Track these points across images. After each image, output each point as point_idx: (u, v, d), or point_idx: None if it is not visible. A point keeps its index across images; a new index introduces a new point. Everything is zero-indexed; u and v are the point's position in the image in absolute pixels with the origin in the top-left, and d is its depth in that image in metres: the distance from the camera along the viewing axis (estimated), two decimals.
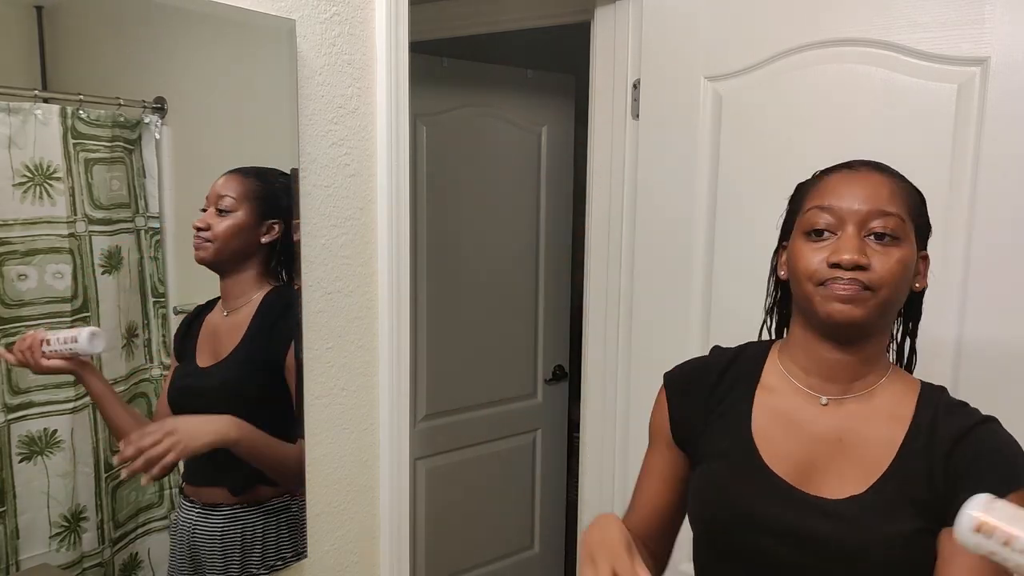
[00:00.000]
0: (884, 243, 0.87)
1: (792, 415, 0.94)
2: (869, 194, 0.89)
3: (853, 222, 0.88)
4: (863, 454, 0.89)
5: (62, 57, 0.96)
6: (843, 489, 0.88)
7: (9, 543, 0.95)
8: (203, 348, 1.20)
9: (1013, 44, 1.28)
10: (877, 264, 0.86)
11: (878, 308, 0.87)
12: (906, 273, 0.88)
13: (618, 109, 1.79)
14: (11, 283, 0.93)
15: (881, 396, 0.91)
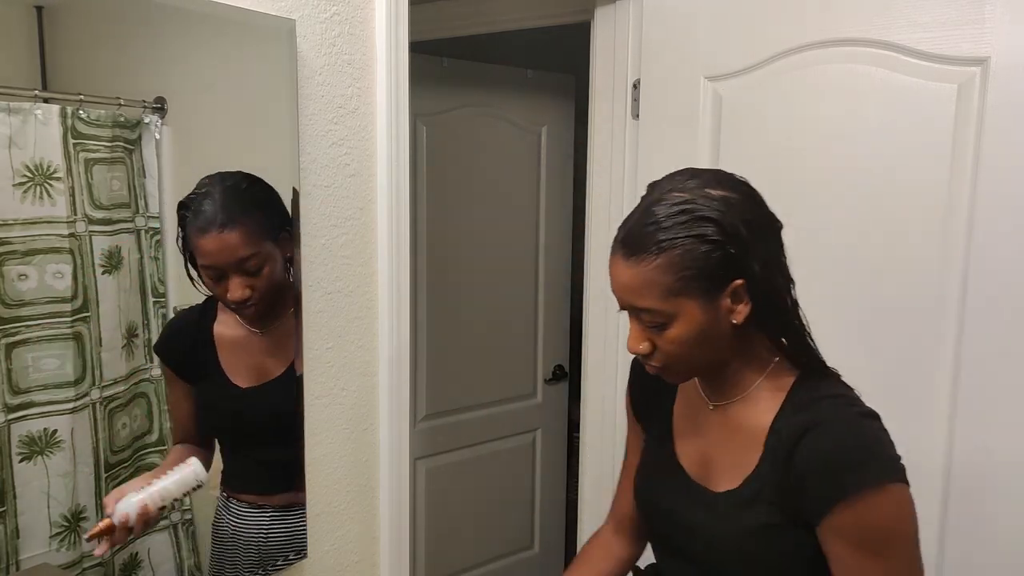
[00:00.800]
0: (657, 327, 0.90)
1: (694, 414, 1.03)
2: (626, 287, 0.90)
3: (630, 312, 0.93)
4: (739, 453, 0.95)
5: (62, 57, 0.96)
6: (725, 483, 0.96)
7: (9, 543, 0.95)
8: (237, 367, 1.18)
9: (1013, 44, 1.27)
10: (659, 346, 0.91)
11: (687, 370, 0.95)
12: (691, 340, 0.90)
13: (618, 109, 1.79)
14: (11, 283, 0.93)
15: (756, 397, 0.96)
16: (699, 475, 0.99)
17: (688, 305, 0.88)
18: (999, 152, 1.29)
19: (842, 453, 0.86)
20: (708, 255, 0.86)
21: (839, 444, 0.87)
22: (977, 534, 1.35)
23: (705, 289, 0.88)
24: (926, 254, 1.37)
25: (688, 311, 0.88)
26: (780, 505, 0.90)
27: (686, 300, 0.88)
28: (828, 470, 0.86)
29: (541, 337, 2.73)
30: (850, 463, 0.86)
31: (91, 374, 1.01)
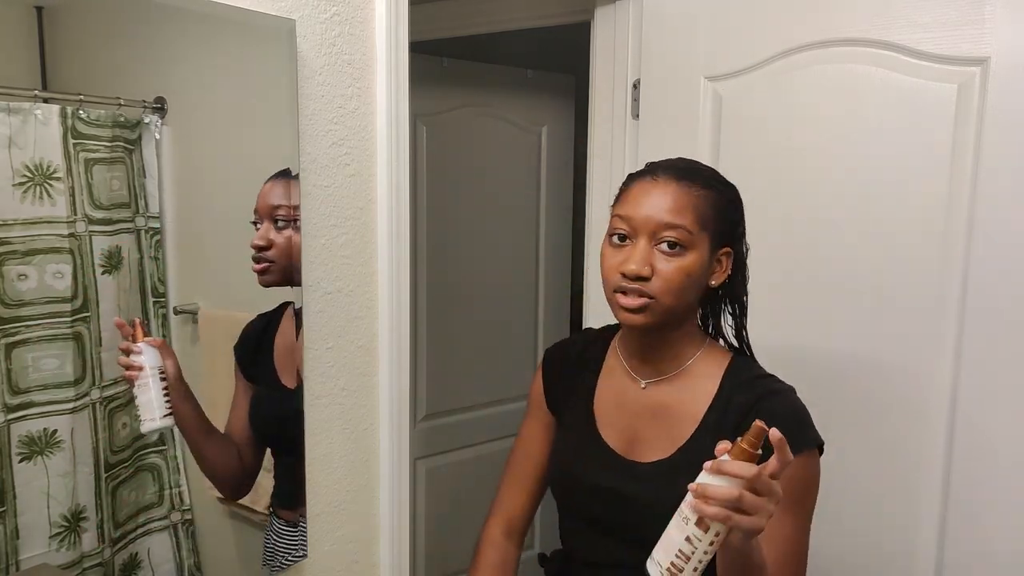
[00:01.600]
0: (673, 252, 0.97)
1: (622, 393, 1.09)
2: (661, 205, 0.97)
3: (645, 233, 0.98)
4: (672, 426, 1.02)
5: (62, 57, 0.96)
6: (654, 455, 1.02)
7: (9, 543, 0.95)
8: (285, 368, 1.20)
9: (1013, 44, 1.27)
10: (661, 272, 0.97)
11: (662, 314, 0.99)
12: (689, 279, 0.98)
13: (618, 109, 1.79)
14: (11, 283, 0.93)
15: (692, 374, 1.04)
16: (625, 451, 1.05)
17: (704, 243, 0.98)
18: (999, 152, 1.29)
19: (794, 417, 0.97)
20: (728, 211, 1.02)
21: (791, 409, 0.98)
22: (977, 534, 1.35)
23: (716, 238, 1.00)
24: (926, 254, 1.37)
25: (702, 248, 0.98)
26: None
27: (705, 238, 0.98)
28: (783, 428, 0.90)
29: (541, 337, 2.73)
30: (800, 425, 0.97)
31: (91, 374, 1.01)
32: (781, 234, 1.52)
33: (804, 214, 1.49)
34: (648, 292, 0.97)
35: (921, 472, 1.39)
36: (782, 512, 0.91)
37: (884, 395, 1.43)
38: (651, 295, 0.97)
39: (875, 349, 1.43)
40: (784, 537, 0.94)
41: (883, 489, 1.43)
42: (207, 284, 1.16)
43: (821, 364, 1.48)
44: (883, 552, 1.44)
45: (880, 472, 1.43)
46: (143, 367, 1.04)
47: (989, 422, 1.33)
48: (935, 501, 1.38)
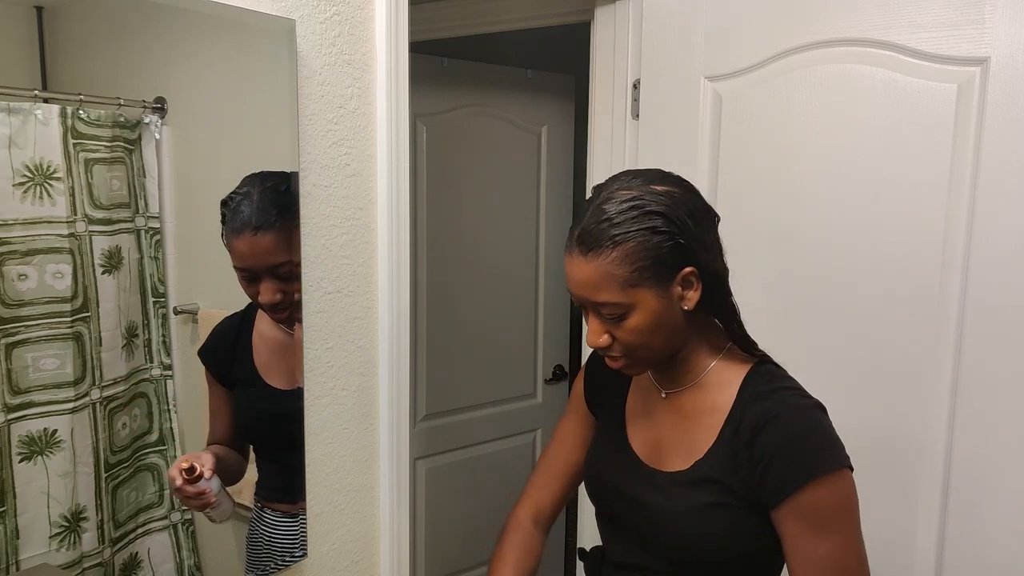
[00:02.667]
0: (615, 318, 0.95)
1: (648, 401, 1.08)
2: (581, 283, 0.95)
3: (588, 307, 0.97)
4: (690, 436, 1.01)
5: (62, 57, 0.96)
6: (674, 465, 1.02)
7: (9, 543, 0.95)
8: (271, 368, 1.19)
9: (1013, 44, 1.28)
10: (619, 336, 0.96)
11: (646, 360, 0.99)
12: (646, 332, 0.95)
13: (618, 109, 1.79)
14: (11, 283, 0.93)
15: (709, 385, 1.02)
16: (650, 458, 1.05)
17: (644, 295, 0.94)
18: (999, 152, 1.29)
19: (806, 440, 0.93)
20: (660, 246, 0.92)
21: (803, 432, 0.93)
22: (977, 535, 1.35)
23: (659, 278, 0.94)
24: (926, 254, 1.37)
25: (645, 301, 0.94)
26: (731, 487, 0.96)
27: (642, 290, 0.93)
28: (793, 455, 0.92)
29: (541, 337, 2.74)
30: (813, 449, 0.93)
31: (91, 374, 1.01)
32: (780, 233, 1.52)
33: (803, 213, 1.49)
34: (618, 354, 0.98)
35: (921, 471, 1.39)
36: (816, 535, 0.91)
37: (884, 393, 1.43)
38: (623, 355, 0.98)
39: (873, 349, 1.43)
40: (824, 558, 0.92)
41: (882, 493, 1.43)
42: (207, 284, 1.16)
43: (820, 364, 1.48)
44: (883, 554, 1.44)
45: (880, 474, 1.43)
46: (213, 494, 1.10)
47: (989, 421, 1.33)
48: (935, 502, 1.38)
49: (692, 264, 0.94)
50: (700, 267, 0.95)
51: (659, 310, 0.95)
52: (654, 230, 0.92)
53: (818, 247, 1.48)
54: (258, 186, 1.15)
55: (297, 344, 1.26)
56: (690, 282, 0.95)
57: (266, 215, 1.15)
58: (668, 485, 1.01)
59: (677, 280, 0.95)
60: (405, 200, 1.41)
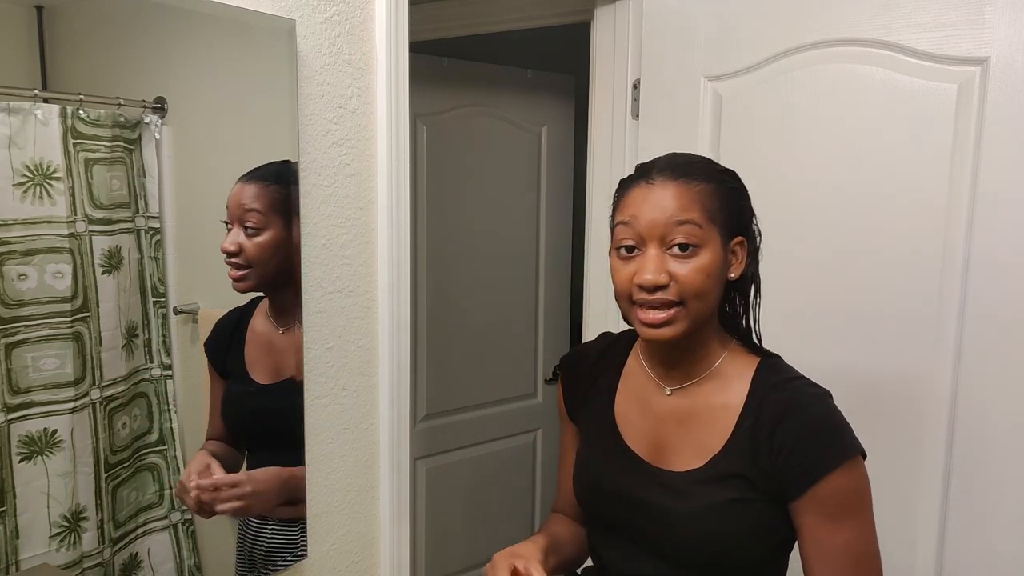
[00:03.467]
0: (686, 253, 0.92)
1: (644, 400, 1.05)
2: (665, 206, 0.92)
3: (654, 238, 0.93)
4: (702, 433, 0.98)
5: (62, 57, 0.96)
6: (685, 464, 0.98)
7: (9, 543, 0.95)
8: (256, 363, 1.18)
9: (1013, 44, 1.28)
10: (679, 277, 0.92)
11: (687, 321, 0.94)
12: (710, 277, 0.93)
13: (618, 109, 1.79)
14: (11, 283, 0.93)
15: (719, 378, 1.00)
16: (653, 459, 1.01)
17: (715, 238, 0.93)
18: (999, 152, 1.29)
19: (824, 431, 0.92)
20: (732, 200, 0.96)
21: (821, 423, 0.93)
22: (976, 542, 1.35)
23: (726, 230, 0.95)
24: (926, 253, 1.37)
25: (714, 244, 0.93)
26: (753, 481, 0.94)
27: (715, 232, 0.93)
28: (816, 443, 0.91)
29: (541, 337, 2.73)
30: (832, 439, 0.92)
31: (91, 374, 1.01)
32: (780, 233, 1.52)
33: (804, 213, 1.49)
34: (671, 299, 0.92)
35: (921, 472, 1.39)
36: (834, 524, 0.91)
37: (884, 393, 1.43)
38: (674, 301, 0.92)
39: (874, 349, 1.43)
40: (840, 547, 0.92)
41: (882, 495, 1.43)
42: (207, 284, 1.16)
43: (820, 363, 1.48)
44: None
45: (879, 476, 1.43)
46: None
47: (989, 423, 1.33)
48: (934, 508, 1.38)
49: (745, 235, 0.98)
50: (749, 241, 0.99)
51: (719, 262, 0.94)
52: (731, 187, 0.97)
53: (818, 247, 1.48)
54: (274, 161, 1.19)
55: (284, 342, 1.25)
56: (735, 253, 0.97)
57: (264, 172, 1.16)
58: (683, 484, 0.97)
59: (732, 244, 0.96)
60: (405, 200, 1.41)
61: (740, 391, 0.98)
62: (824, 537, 0.92)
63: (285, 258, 1.20)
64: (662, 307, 0.93)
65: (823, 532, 0.92)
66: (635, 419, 1.05)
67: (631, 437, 1.05)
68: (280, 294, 1.20)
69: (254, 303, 1.19)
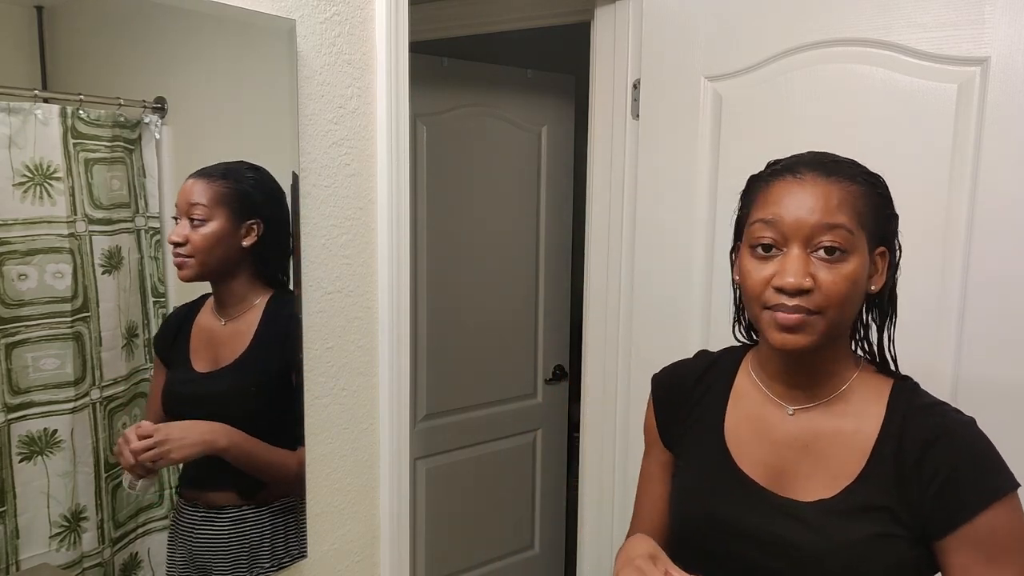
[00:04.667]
0: (833, 258, 0.84)
1: (761, 421, 0.95)
2: (814, 206, 0.84)
3: (798, 239, 0.85)
4: (832, 459, 0.89)
5: (62, 57, 0.96)
6: (814, 493, 0.89)
7: (9, 543, 0.95)
8: (199, 353, 1.19)
9: (1013, 44, 1.28)
10: (823, 283, 0.84)
11: (825, 331, 0.85)
12: (856, 288, 0.85)
13: (618, 109, 1.79)
14: (11, 283, 0.93)
15: (850, 400, 0.91)
16: (774, 486, 0.91)
17: (862, 245, 0.86)
18: (999, 152, 1.29)
19: (982, 461, 0.84)
20: (881, 208, 0.89)
21: (977, 451, 0.85)
22: None
23: (872, 237, 0.87)
24: (926, 253, 1.37)
25: (861, 251, 0.86)
26: (897, 514, 0.85)
27: (864, 239, 0.86)
28: (972, 476, 0.83)
29: (541, 337, 2.73)
30: (990, 470, 0.84)
31: (91, 374, 1.01)
32: None
33: None
34: (811, 307, 0.84)
35: None
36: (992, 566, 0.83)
37: None
38: (815, 310, 0.84)
39: None
40: None
41: None
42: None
43: None
44: None
45: None
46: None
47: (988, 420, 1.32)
48: None
49: (888, 246, 0.90)
50: (890, 254, 0.91)
51: (864, 271, 0.86)
52: (880, 192, 0.89)
53: None
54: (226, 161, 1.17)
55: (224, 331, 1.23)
56: (876, 264, 0.89)
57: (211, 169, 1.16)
58: (815, 516, 0.87)
59: (876, 253, 0.89)
60: (405, 200, 1.41)
61: (876, 415, 0.89)
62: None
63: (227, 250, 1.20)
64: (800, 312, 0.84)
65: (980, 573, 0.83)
66: (750, 443, 0.95)
67: (746, 463, 0.94)
68: (223, 286, 1.20)
69: (203, 299, 1.18)
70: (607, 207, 1.83)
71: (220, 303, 1.19)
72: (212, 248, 1.17)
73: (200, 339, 1.19)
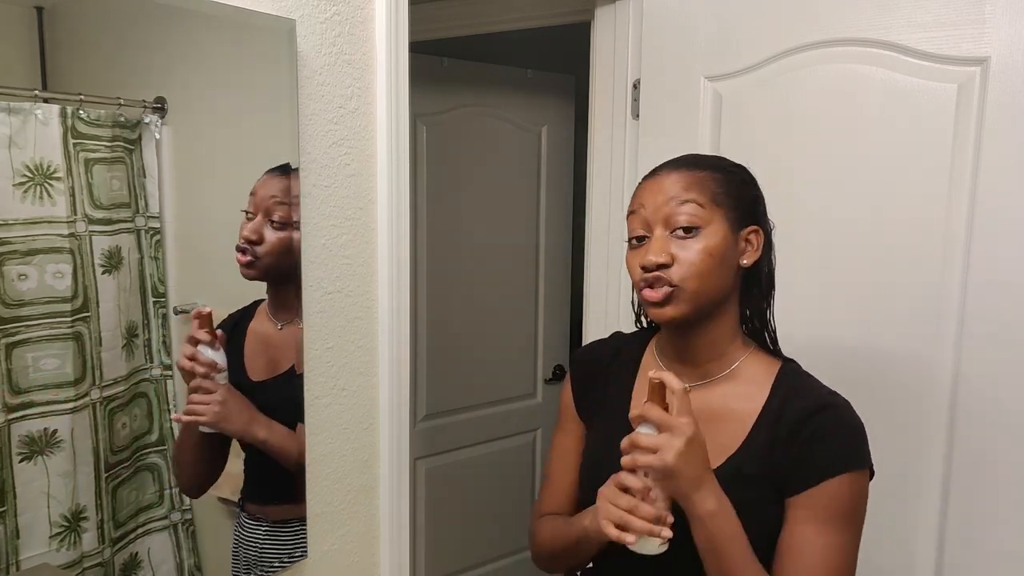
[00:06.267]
0: (689, 235, 0.94)
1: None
2: (668, 189, 0.96)
3: (659, 222, 0.96)
4: (721, 432, 0.98)
5: (62, 57, 0.96)
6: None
7: (9, 543, 0.95)
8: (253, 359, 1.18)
9: (1013, 44, 1.28)
10: (680, 257, 0.94)
11: (691, 301, 0.95)
12: (712, 258, 0.94)
13: (618, 109, 1.79)
14: (11, 283, 0.93)
15: (739, 378, 1.00)
16: None
17: (721, 221, 0.95)
18: (999, 152, 1.29)
19: (847, 433, 0.94)
20: (743, 190, 0.99)
21: (845, 424, 0.94)
22: (976, 547, 1.35)
23: (735, 216, 0.97)
24: (926, 253, 1.37)
25: (719, 226, 0.95)
26: (769, 479, 0.94)
27: (720, 215, 0.95)
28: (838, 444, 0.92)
29: (541, 337, 2.74)
30: (852, 444, 0.94)
31: (91, 374, 1.01)
32: (781, 233, 1.51)
33: (804, 214, 1.49)
34: (671, 280, 0.94)
35: (921, 475, 1.39)
36: (821, 526, 0.91)
37: (884, 393, 1.43)
38: (674, 282, 0.94)
39: (875, 350, 1.43)
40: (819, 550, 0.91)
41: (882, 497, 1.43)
42: (207, 284, 1.16)
43: (820, 364, 1.48)
44: (883, 565, 1.44)
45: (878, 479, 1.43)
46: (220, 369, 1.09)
47: (989, 421, 1.33)
48: (933, 509, 1.38)
49: (760, 225, 1.00)
50: (764, 234, 1.00)
51: (724, 246, 0.95)
52: (742, 178, 1.01)
53: (818, 247, 1.48)
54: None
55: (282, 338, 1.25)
56: (750, 242, 0.99)
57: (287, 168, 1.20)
58: None
59: (744, 233, 0.98)
60: (405, 200, 1.41)
61: (761, 392, 0.98)
62: (807, 536, 0.91)
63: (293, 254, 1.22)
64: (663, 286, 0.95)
65: (808, 530, 0.92)
66: None
67: None
68: (283, 288, 1.21)
69: (255, 305, 1.19)
70: (607, 207, 1.83)
71: (278, 306, 1.19)
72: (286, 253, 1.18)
73: (255, 344, 1.18)
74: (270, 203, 1.14)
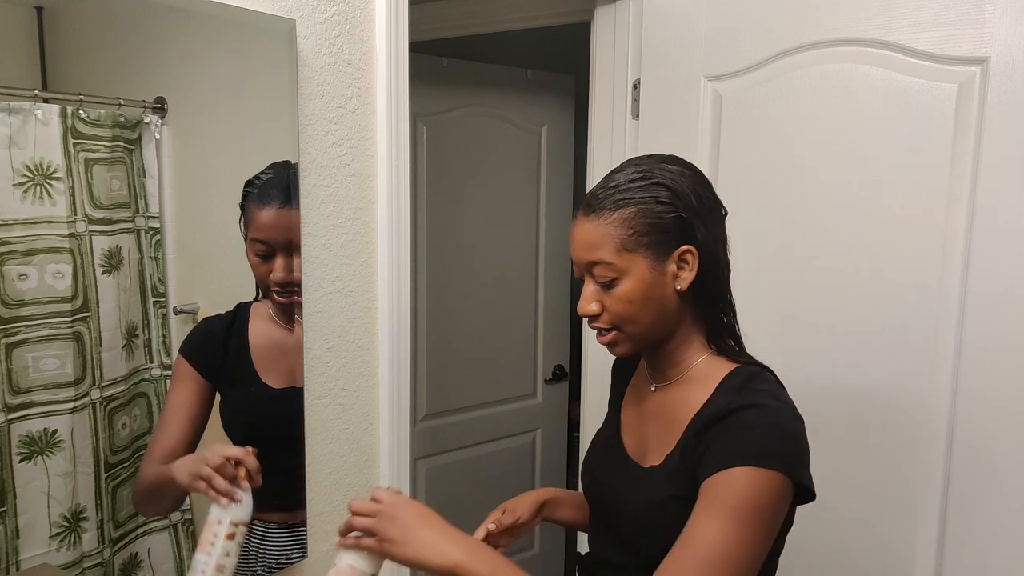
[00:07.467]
0: (609, 285, 0.95)
1: (641, 396, 1.09)
2: (581, 245, 0.97)
3: (585, 272, 0.98)
4: (667, 431, 1.00)
5: (62, 57, 0.96)
6: (652, 460, 1.01)
7: (9, 543, 0.95)
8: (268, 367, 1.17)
9: (1013, 44, 1.27)
10: (608, 305, 0.96)
11: (633, 340, 0.99)
12: (633, 303, 0.95)
13: (618, 109, 1.79)
14: (11, 283, 0.93)
15: (692, 381, 1.01)
16: (635, 452, 1.05)
17: (638, 263, 0.94)
18: (999, 152, 1.29)
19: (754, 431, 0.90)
20: (661, 216, 0.94)
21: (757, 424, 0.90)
22: (977, 538, 1.35)
23: (656, 248, 0.95)
24: (926, 253, 1.37)
25: (638, 269, 0.94)
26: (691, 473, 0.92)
27: (637, 257, 0.94)
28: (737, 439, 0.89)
29: (541, 337, 2.74)
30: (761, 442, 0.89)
31: (91, 374, 1.01)
32: (780, 233, 1.52)
33: (803, 213, 1.49)
34: (606, 325, 0.98)
35: (920, 476, 1.39)
36: (709, 513, 0.87)
37: (884, 393, 1.43)
38: (611, 327, 0.98)
39: (874, 349, 1.43)
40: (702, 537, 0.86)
41: (881, 508, 1.43)
42: (207, 284, 1.16)
43: (821, 365, 1.48)
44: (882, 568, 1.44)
45: (879, 484, 1.43)
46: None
47: (989, 421, 1.33)
48: (934, 510, 1.38)
49: (691, 243, 0.95)
50: (699, 248, 0.95)
51: (651, 282, 0.95)
52: (657, 199, 0.95)
53: (817, 247, 1.48)
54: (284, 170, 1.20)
55: (296, 342, 1.25)
56: (686, 261, 0.95)
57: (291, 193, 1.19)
58: (644, 479, 1.00)
59: (674, 256, 0.95)
60: (405, 200, 1.41)
61: (705, 393, 0.97)
62: (695, 522, 0.88)
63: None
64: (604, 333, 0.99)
65: (698, 517, 0.88)
66: (633, 413, 1.09)
67: (627, 431, 1.09)
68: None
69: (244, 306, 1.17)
70: None
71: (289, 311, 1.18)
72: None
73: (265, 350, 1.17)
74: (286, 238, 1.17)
